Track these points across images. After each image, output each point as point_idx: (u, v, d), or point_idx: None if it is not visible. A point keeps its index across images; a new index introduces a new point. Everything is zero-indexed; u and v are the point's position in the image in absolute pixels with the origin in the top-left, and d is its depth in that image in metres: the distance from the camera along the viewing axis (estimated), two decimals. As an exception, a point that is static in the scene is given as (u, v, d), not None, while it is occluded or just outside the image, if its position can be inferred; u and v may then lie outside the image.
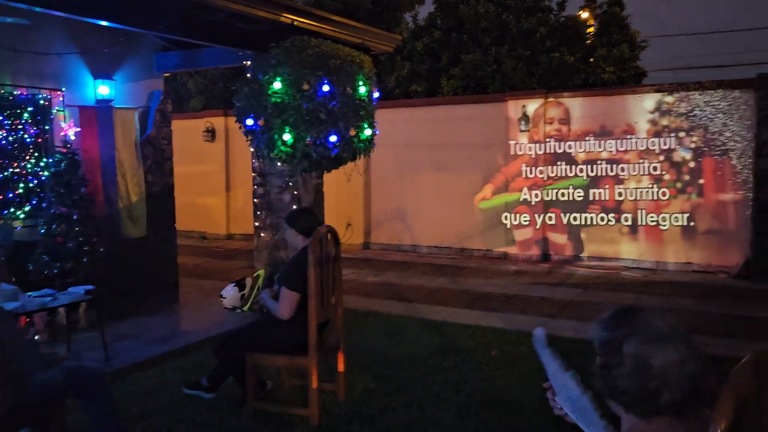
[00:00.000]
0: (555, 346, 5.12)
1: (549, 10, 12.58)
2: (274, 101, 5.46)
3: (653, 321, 1.52)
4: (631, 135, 9.20)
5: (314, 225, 3.98)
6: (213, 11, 5.20)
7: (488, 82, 11.68)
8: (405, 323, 6.21)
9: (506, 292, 7.79)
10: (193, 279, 8.48)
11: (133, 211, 6.99)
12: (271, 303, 3.89)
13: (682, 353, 1.46)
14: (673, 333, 1.49)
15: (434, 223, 10.79)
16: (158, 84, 7.60)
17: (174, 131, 7.88)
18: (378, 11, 13.09)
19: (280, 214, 6.69)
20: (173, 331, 5.96)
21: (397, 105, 11.02)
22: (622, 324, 1.56)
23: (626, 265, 9.29)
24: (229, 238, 12.89)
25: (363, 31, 6.53)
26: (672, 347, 1.46)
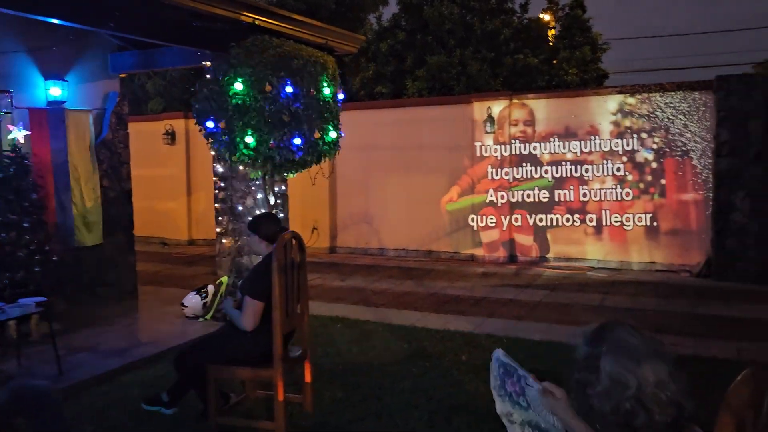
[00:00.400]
0: (525, 349, 5.01)
1: (512, 12, 12.65)
2: (236, 103, 5.28)
3: (632, 338, 1.45)
4: (595, 136, 9.28)
5: (278, 230, 3.83)
6: (170, 9, 4.99)
7: (453, 83, 11.66)
8: (373, 329, 6.09)
9: (474, 294, 7.74)
10: (153, 287, 8.20)
11: (87, 218, 6.71)
12: (234, 313, 3.72)
13: (660, 374, 1.40)
14: (652, 352, 1.43)
15: (401, 225, 10.71)
16: (114, 85, 7.33)
17: (132, 134, 7.62)
18: (341, 12, 12.97)
19: (242, 219, 6.50)
20: (132, 342, 5.71)
21: (362, 107, 10.91)
22: (601, 339, 1.49)
23: (592, 265, 9.35)
24: (190, 243, 12.57)
25: (326, 31, 6.40)
26: (649, 367, 1.40)
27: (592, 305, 7.09)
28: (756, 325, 6.22)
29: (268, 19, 5.54)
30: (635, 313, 6.65)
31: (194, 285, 7.86)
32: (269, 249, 3.78)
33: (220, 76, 5.43)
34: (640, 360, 1.41)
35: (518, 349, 5.36)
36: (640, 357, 1.42)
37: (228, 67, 5.33)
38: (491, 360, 1.77)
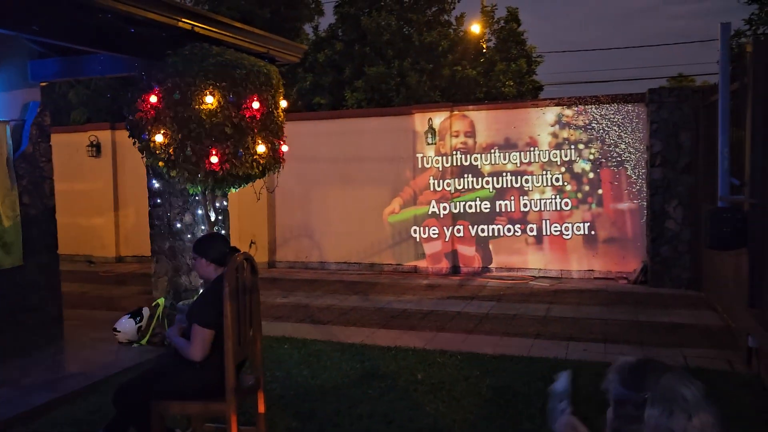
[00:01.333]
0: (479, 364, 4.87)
1: (448, 25, 12.74)
2: (174, 114, 4.95)
3: (680, 387, 1.31)
4: (534, 147, 9.40)
5: (227, 252, 3.56)
6: (100, 13, 4.63)
7: (392, 94, 11.60)
8: (322, 349, 5.85)
9: (421, 308, 7.62)
10: (80, 310, 7.64)
11: (5, 238, 6.15)
12: (181, 342, 3.42)
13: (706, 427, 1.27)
14: (700, 403, 1.30)
15: (342, 238, 10.51)
16: (34, 94, 6.78)
17: (54, 146, 7.08)
18: (277, 22, 12.68)
19: (180, 237, 6.14)
20: (59, 374, 5.24)
21: (300, 118, 10.66)
22: (644, 384, 1.34)
23: (533, 275, 9.44)
24: (119, 261, 11.91)
25: (268, 39, 6.14)
26: (699, 420, 1.27)
27: (539, 316, 7.10)
28: (695, 330, 6.38)
29: (207, 26, 5.24)
30: (581, 323, 6.70)
31: (126, 307, 7.37)
32: (218, 272, 3.52)
33: (155, 86, 5.09)
34: (691, 414, 1.28)
35: (472, 364, 5.27)
36: (692, 410, 1.28)
37: (165, 76, 5.00)
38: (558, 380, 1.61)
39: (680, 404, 1.28)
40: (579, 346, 5.85)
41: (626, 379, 1.39)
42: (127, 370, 5.15)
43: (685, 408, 1.28)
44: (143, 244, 11.11)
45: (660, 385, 1.32)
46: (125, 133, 11.23)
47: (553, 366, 5.20)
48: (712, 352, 5.56)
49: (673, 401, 1.29)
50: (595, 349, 5.72)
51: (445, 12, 12.92)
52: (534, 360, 5.39)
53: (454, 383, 4.81)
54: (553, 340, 6.06)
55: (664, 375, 1.34)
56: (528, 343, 5.96)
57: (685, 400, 1.29)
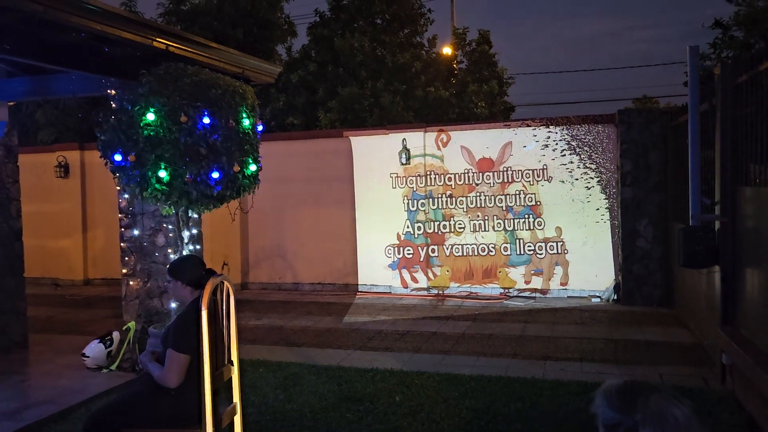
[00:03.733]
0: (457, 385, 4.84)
1: (421, 47, 12.88)
2: (147, 134, 4.86)
3: (671, 407, 1.30)
4: (507, 167, 9.49)
5: (203, 274, 3.48)
6: (71, 31, 4.54)
7: (366, 115, 11.64)
8: (298, 372, 5.75)
9: (397, 328, 7.58)
10: (46, 335, 7.42)
11: (-30, 261, 5.96)
12: (155, 368, 3.32)
13: None
14: (691, 422, 1.29)
15: (316, 259, 10.43)
16: (1, 114, 6.63)
17: (20, 167, 6.92)
18: (250, 42, 12.67)
19: (152, 259, 6.01)
20: (25, 401, 5.04)
21: (273, 138, 10.61)
22: (634, 406, 1.33)
23: (507, 294, 9.47)
24: (87, 283, 11.62)
25: (244, 60, 6.12)
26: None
27: (515, 335, 7.11)
28: (668, 347, 6.45)
29: (182, 46, 5.19)
30: (557, 342, 6.73)
31: (93, 331, 7.18)
32: (194, 295, 3.43)
33: (128, 106, 5.00)
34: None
35: (450, 386, 5.23)
36: (683, 430, 1.27)
37: (138, 96, 4.92)
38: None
39: (671, 425, 1.27)
40: (556, 365, 5.86)
41: (615, 402, 1.38)
42: (97, 397, 4.99)
43: (676, 428, 1.27)
44: (112, 267, 10.91)
45: (650, 406, 1.31)
46: (94, 153, 11.05)
47: (531, 386, 5.20)
48: (687, 370, 5.62)
49: (664, 422, 1.28)
50: (571, 368, 5.74)
51: (418, 34, 13.07)
52: (512, 380, 5.37)
53: (433, 405, 4.77)
54: (529, 360, 6.06)
55: (653, 396, 1.33)
56: (505, 363, 5.95)
57: (677, 420, 1.28)
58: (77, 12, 4.19)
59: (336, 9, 13.70)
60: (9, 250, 6.56)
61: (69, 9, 4.13)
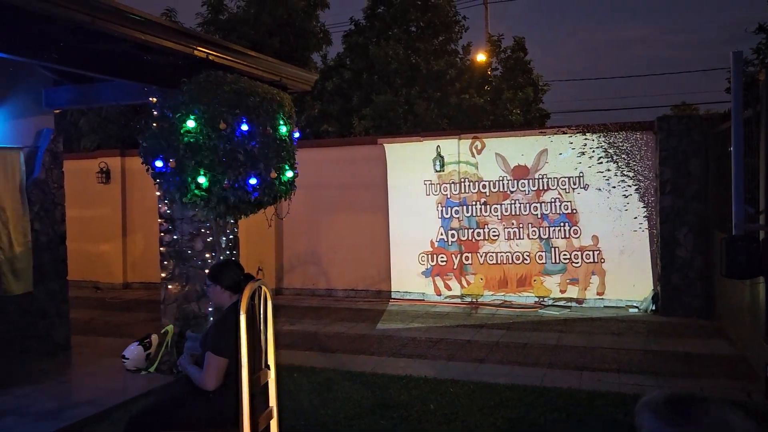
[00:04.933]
0: (492, 394, 4.78)
1: (455, 54, 12.88)
2: (187, 141, 4.97)
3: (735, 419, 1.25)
4: (542, 174, 9.40)
5: (242, 279, 3.54)
6: (116, 41, 4.69)
7: (400, 122, 11.67)
8: (331, 377, 5.78)
9: (430, 336, 7.55)
10: (87, 337, 7.60)
11: (16, 264, 6.15)
12: (194, 371, 3.37)
13: None
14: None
15: (349, 265, 10.47)
16: (48, 121, 6.86)
17: (64, 173, 7.13)
18: (286, 51, 12.84)
19: (191, 263, 6.12)
20: (67, 402, 5.18)
21: (308, 145, 10.71)
22: (687, 417, 1.27)
23: (543, 303, 9.36)
24: (126, 287, 11.88)
25: (281, 68, 6.21)
26: None
27: (550, 345, 7.02)
28: (709, 360, 6.29)
29: (222, 54, 5.30)
30: (594, 352, 6.62)
31: (133, 333, 7.32)
32: (233, 299, 3.49)
33: (169, 113, 5.12)
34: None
35: (485, 394, 5.19)
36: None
37: (179, 103, 5.04)
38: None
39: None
40: (593, 376, 5.76)
41: (665, 414, 1.32)
42: (136, 398, 5.10)
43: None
44: (150, 271, 11.13)
45: (708, 418, 1.26)
46: (135, 159, 11.35)
47: (568, 396, 5.12)
48: (729, 383, 5.47)
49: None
50: (609, 379, 5.63)
51: (452, 41, 13.06)
52: (548, 390, 5.30)
53: (467, 414, 4.74)
54: (565, 370, 5.98)
55: (709, 407, 1.28)
56: (540, 373, 5.88)
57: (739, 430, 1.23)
58: (123, 22, 4.31)
59: (371, 17, 13.81)
60: (54, 254, 6.75)
61: (115, 19, 4.26)
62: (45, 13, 3.88)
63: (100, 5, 4.14)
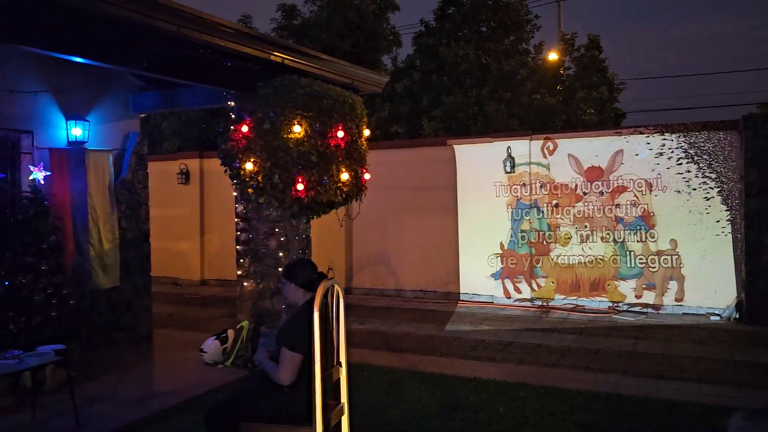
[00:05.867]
0: (563, 400, 4.68)
1: (527, 53, 12.68)
2: (263, 143, 5.14)
3: None
4: (618, 175, 9.12)
5: (315, 277, 3.63)
6: (197, 48, 4.91)
7: (470, 123, 11.60)
8: (400, 377, 5.83)
9: (500, 339, 7.47)
10: (168, 330, 7.97)
11: (105, 260, 6.54)
12: (270, 365, 3.49)
13: None
14: None
15: (417, 266, 10.50)
16: (135, 125, 7.25)
17: (148, 174, 7.50)
18: (356, 53, 13.02)
19: (265, 262, 6.32)
20: (150, 391, 5.46)
21: (378, 146, 10.81)
22: None
23: (617, 308, 9.08)
24: (203, 284, 12.37)
25: (353, 71, 6.32)
26: None
27: (625, 351, 6.81)
28: (801, 373, 5.93)
29: (297, 59, 5.45)
30: (672, 360, 6.37)
31: (210, 328, 7.63)
32: (306, 297, 3.58)
33: (246, 116, 5.31)
34: None
35: (556, 399, 5.10)
36: None
37: (256, 106, 5.22)
38: None
39: None
40: (670, 385, 5.55)
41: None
42: (214, 391, 5.31)
43: None
44: (226, 268, 11.54)
45: None
46: (213, 161, 11.79)
47: (643, 404, 4.96)
48: (821, 398, 5.15)
49: None
50: (687, 389, 5.42)
51: (524, 40, 12.86)
52: (622, 397, 5.16)
53: (538, 419, 4.67)
54: (641, 377, 5.79)
55: None
56: (614, 380, 5.72)
57: None
58: (206, 30, 4.52)
59: (441, 18, 13.80)
60: (139, 251, 7.12)
61: (199, 27, 4.46)
62: (136, 23, 4.12)
63: (185, 14, 4.35)
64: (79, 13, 3.88)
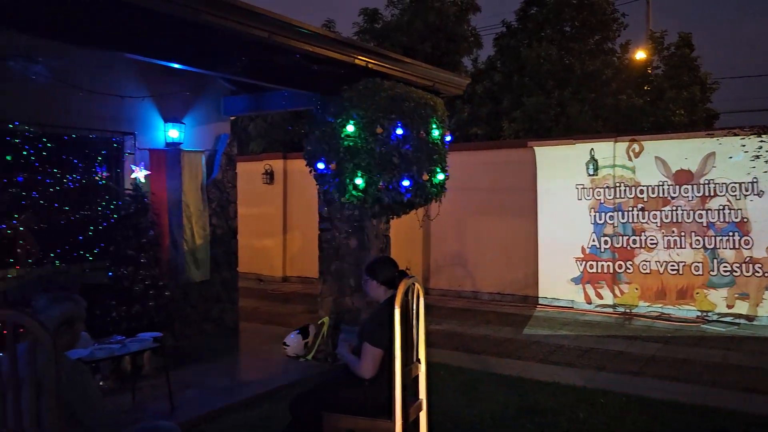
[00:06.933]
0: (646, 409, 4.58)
1: (612, 53, 12.32)
2: (347, 145, 5.31)
3: None
4: (709, 180, 8.72)
5: (397, 275, 3.73)
6: (286, 53, 5.13)
7: (551, 125, 11.40)
8: (477, 378, 5.84)
9: (579, 345, 7.33)
10: (252, 323, 8.32)
11: (197, 254, 6.93)
12: (351, 359, 3.63)
13: None
14: None
15: (495, 269, 10.43)
16: (225, 127, 7.63)
17: (237, 174, 7.86)
18: (437, 55, 13.07)
19: (346, 260, 6.49)
20: (237, 380, 5.75)
21: (457, 148, 10.82)
22: None
23: (706, 317, 8.68)
24: (284, 280, 12.78)
25: (434, 73, 6.39)
26: None
27: (714, 362, 6.52)
28: None
29: (380, 62, 5.58)
30: (765, 374, 6.05)
31: (291, 323, 7.92)
32: (387, 294, 3.69)
33: (330, 119, 5.49)
34: None
35: (638, 408, 4.97)
36: None
37: (340, 109, 5.39)
38: None
39: None
40: (765, 399, 5.29)
41: None
42: (297, 382, 5.52)
43: None
44: (307, 266, 11.90)
45: None
46: (295, 162, 12.18)
47: (733, 418, 4.76)
48: None
49: None
50: (783, 405, 5.14)
51: (609, 40, 12.50)
52: (710, 409, 4.96)
53: (619, 426, 4.58)
54: (731, 390, 5.54)
55: None
56: (702, 391, 5.50)
57: None
58: (296, 36, 4.73)
59: (523, 19, 13.63)
60: (227, 247, 7.48)
61: (288, 34, 4.67)
62: (231, 31, 4.37)
63: (276, 21, 4.56)
64: (180, 23, 4.16)
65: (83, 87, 5.78)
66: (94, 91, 5.90)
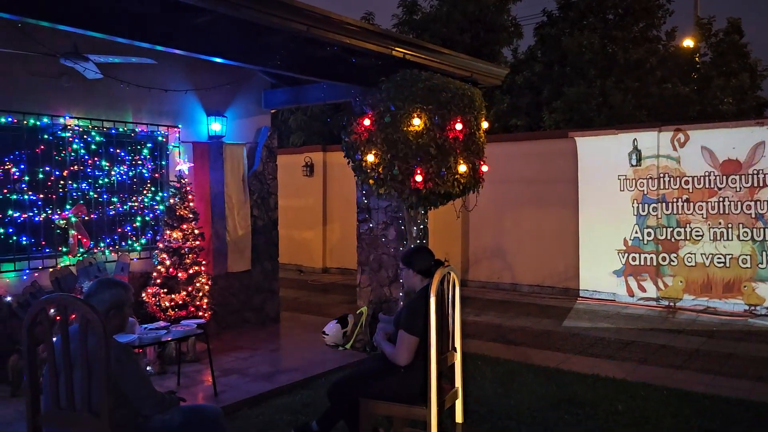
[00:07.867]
0: (689, 403, 4.52)
1: (657, 40, 12.00)
2: (384, 136, 5.34)
3: None
4: (759, 170, 8.46)
5: (433, 264, 3.77)
6: (325, 46, 5.20)
7: (593, 115, 11.20)
8: (515, 369, 5.84)
9: (621, 337, 7.23)
10: (292, 313, 8.47)
11: (239, 245, 7.09)
12: (388, 346, 3.68)
13: None
14: None
15: (535, 261, 10.34)
16: (266, 120, 7.76)
17: (277, 166, 7.99)
18: (476, 46, 12.97)
19: (384, 251, 6.55)
20: (277, 367, 5.88)
21: (496, 139, 10.74)
22: None
23: (753, 311, 8.44)
24: (324, 271, 12.94)
25: (472, 64, 6.37)
26: None
27: (761, 357, 6.36)
28: None
29: (418, 53, 5.60)
30: (816, 370, 5.87)
31: (330, 313, 8.03)
32: (423, 283, 3.73)
33: (368, 110, 5.53)
34: None
35: (680, 402, 4.90)
36: None
37: (377, 101, 5.43)
38: None
39: None
40: (813, 395, 5.14)
41: None
42: (335, 370, 5.62)
43: None
44: (346, 257, 12.03)
45: None
46: (335, 154, 12.31)
47: (780, 414, 4.65)
48: None
49: None
50: (834, 401, 4.99)
51: (654, 27, 12.18)
52: (755, 404, 4.85)
53: (659, 419, 4.52)
54: (778, 386, 5.40)
55: None
56: (747, 386, 5.38)
57: None
58: (333, 29, 4.78)
59: (565, 7, 13.38)
60: (268, 238, 7.63)
61: (327, 26, 4.74)
62: (269, 25, 4.45)
63: (314, 14, 4.63)
64: (221, 18, 4.26)
65: (130, 82, 5.97)
66: (140, 85, 6.09)
